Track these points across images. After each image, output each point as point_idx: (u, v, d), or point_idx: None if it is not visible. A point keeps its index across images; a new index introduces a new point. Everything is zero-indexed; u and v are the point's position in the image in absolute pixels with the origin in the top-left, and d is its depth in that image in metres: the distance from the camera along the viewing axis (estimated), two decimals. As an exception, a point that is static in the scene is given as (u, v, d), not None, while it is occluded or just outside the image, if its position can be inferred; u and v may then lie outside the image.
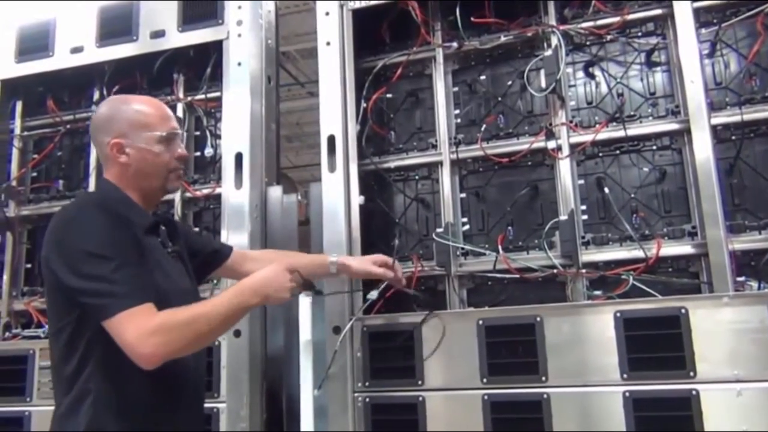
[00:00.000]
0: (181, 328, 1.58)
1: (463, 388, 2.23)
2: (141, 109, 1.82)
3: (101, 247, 1.60)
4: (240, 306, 1.69)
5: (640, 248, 2.25)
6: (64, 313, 1.66)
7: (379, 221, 2.63)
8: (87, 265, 1.59)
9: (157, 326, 1.55)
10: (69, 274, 1.60)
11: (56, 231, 1.67)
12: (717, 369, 1.99)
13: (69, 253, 1.62)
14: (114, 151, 1.77)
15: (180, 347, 1.59)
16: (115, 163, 1.79)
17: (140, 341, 1.53)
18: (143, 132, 1.79)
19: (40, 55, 3.07)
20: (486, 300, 2.42)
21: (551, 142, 2.42)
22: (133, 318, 1.55)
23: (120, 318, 1.55)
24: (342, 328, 2.37)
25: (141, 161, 1.79)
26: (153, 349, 1.54)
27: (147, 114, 1.82)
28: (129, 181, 1.80)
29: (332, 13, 2.63)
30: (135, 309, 1.56)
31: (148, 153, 1.79)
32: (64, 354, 1.66)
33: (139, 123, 1.79)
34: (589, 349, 2.12)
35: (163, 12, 2.89)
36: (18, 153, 3.20)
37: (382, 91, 2.67)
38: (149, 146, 1.79)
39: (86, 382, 1.63)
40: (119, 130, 1.78)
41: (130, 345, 1.54)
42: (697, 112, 2.20)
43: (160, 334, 1.54)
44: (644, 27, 2.45)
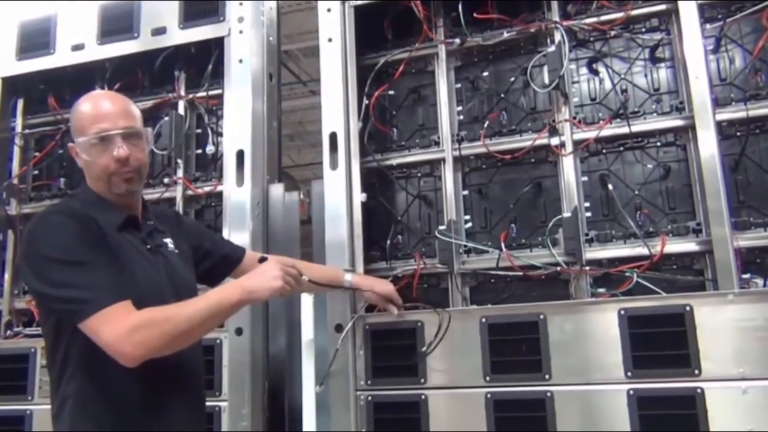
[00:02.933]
0: (159, 326, 1.55)
1: (465, 387, 2.21)
2: (80, 111, 1.78)
3: (67, 252, 1.59)
4: (222, 303, 1.65)
5: (644, 245, 2.23)
6: (43, 319, 1.69)
7: (381, 219, 2.62)
8: (55, 273, 1.58)
9: (134, 325, 1.53)
10: (38, 283, 1.60)
11: (25, 241, 1.67)
12: (722, 367, 1.97)
13: (36, 262, 1.61)
14: (73, 153, 1.79)
15: (159, 345, 1.56)
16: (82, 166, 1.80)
17: (119, 340, 1.52)
18: (79, 137, 1.76)
19: (41, 53, 3.06)
20: (489, 298, 2.41)
21: (554, 138, 2.41)
22: (110, 318, 1.53)
23: (95, 319, 1.53)
24: (344, 326, 2.35)
25: (87, 165, 1.77)
26: (131, 347, 1.52)
27: (82, 117, 1.77)
28: (91, 181, 1.80)
29: (334, 9, 2.61)
30: (109, 309, 1.54)
31: (87, 159, 1.75)
32: (49, 357, 1.68)
33: (76, 128, 1.78)
34: (593, 347, 2.11)
35: (164, 9, 2.88)
36: (19, 151, 3.19)
37: (385, 87, 2.65)
38: (84, 152, 1.75)
39: (68, 385, 1.64)
40: (72, 133, 1.79)
41: (108, 345, 1.53)
42: (701, 109, 2.18)
43: (137, 332, 1.53)
44: (648, 23, 2.43)
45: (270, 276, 1.72)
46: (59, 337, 1.65)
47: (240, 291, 1.68)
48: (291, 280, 1.76)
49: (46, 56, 3.05)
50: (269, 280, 1.71)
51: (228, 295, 1.67)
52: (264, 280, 1.71)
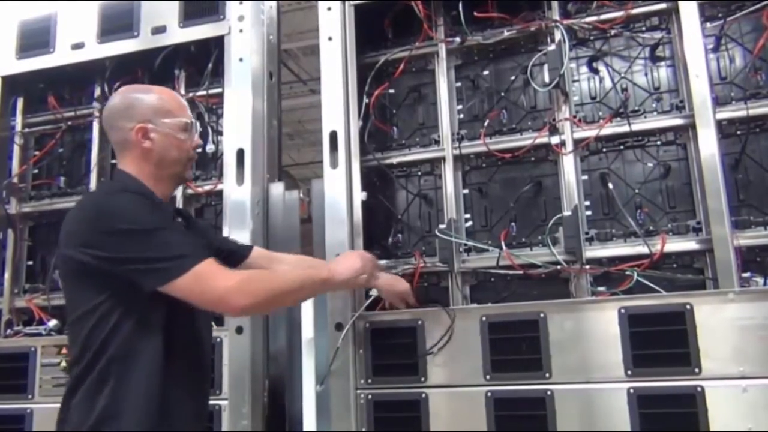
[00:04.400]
0: (265, 281, 1.71)
1: (466, 385, 2.21)
2: (163, 97, 1.86)
3: (148, 222, 1.65)
4: (312, 277, 1.86)
5: (644, 244, 2.23)
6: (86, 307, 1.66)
7: (381, 217, 2.62)
8: (139, 240, 1.62)
9: (243, 278, 1.66)
10: (121, 253, 1.62)
11: (94, 218, 1.67)
12: (722, 366, 1.97)
13: (118, 233, 1.63)
14: (139, 135, 1.79)
15: (266, 299, 1.69)
16: (137, 148, 1.80)
17: (230, 291, 1.61)
18: (167, 118, 1.82)
19: (40, 52, 3.06)
20: (489, 296, 2.41)
21: (555, 137, 2.41)
22: (212, 272, 1.63)
23: (194, 273, 1.60)
24: (344, 325, 2.35)
25: (164, 147, 1.82)
26: (243, 297, 1.62)
27: (169, 101, 1.86)
28: (149, 168, 1.81)
29: (334, 8, 2.61)
30: (206, 263, 1.63)
31: (173, 139, 1.83)
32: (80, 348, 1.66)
33: (163, 109, 1.83)
34: (593, 346, 2.11)
35: (164, 8, 2.88)
36: (19, 150, 3.18)
37: (385, 86, 2.65)
38: (174, 132, 1.83)
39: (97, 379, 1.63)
40: (143, 116, 1.80)
41: (220, 296, 1.61)
42: (701, 107, 2.18)
43: (248, 284, 1.65)
44: (648, 21, 2.43)
45: (352, 262, 1.96)
46: (100, 325, 1.64)
47: (326, 270, 1.91)
48: (370, 269, 2.00)
49: (46, 55, 3.05)
50: (352, 264, 1.94)
51: (317, 272, 1.91)
52: (348, 265, 1.94)
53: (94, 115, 3.07)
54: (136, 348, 1.65)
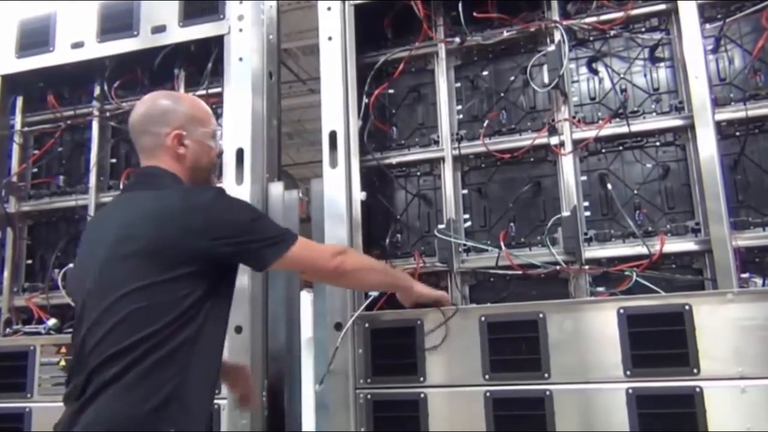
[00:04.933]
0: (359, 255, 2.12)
1: (465, 385, 2.22)
2: (196, 106, 1.98)
3: (248, 210, 1.89)
4: (397, 279, 2.21)
5: (643, 244, 2.23)
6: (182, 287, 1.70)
7: (380, 217, 2.62)
8: (263, 221, 1.88)
9: (339, 248, 2.03)
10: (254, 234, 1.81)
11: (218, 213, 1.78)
12: (721, 366, 1.98)
13: (250, 219, 1.83)
14: (175, 141, 1.87)
15: (361, 269, 2.03)
16: (172, 154, 1.88)
17: (335, 257, 1.94)
18: (200, 127, 1.93)
19: (40, 51, 3.05)
20: (488, 297, 2.41)
21: (554, 138, 2.41)
22: (310, 243, 1.98)
23: (299, 245, 1.86)
24: (344, 325, 2.35)
25: (197, 154, 1.92)
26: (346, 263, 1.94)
27: (201, 110, 1.98)
28: (180, 169, 1.89)
29: (334, 8, 2.61)
30: (303, 238, 1.90)
31: (204, 146, 1.94)
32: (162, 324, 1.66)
33: (196, 118, 1.93)
34: (592, 346, 2.11)
35: (164, 7, 2.87)
36: (18, 149, 3.18)
37: (384, 86, 2.65)
38: (205, 140, 1.94)
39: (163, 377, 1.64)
40: (178, 123, 1.89)
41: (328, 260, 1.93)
42: (701, 108, 2.19)
43: (347, 254, 1.99)
44: (648, 22, 2.43)
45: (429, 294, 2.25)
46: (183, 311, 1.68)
47: (408, 282, 2.22)
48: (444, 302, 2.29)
49: (46, 54, 3.04)
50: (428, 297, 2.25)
51: (403, 278, 2.23)
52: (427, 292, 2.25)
53: (94, 115, 3.06)
54: (206, 334, 1.73)
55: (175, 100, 1.96)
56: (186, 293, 1.69)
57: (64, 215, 3.06)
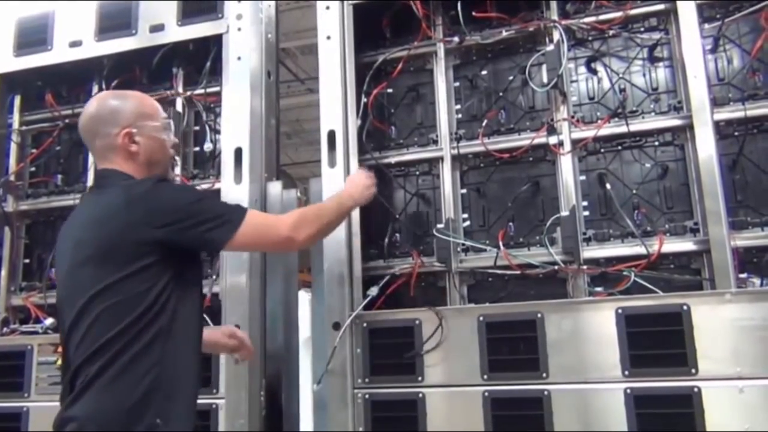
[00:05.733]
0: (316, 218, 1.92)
1: (463, 385, 2.22)
2: (141, 101, 1.93)
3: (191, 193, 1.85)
4: (342, 206, 2.08)
5: (641, 244, 2.23)
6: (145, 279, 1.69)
7: (379, 217, 2.61)
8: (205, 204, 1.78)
9: (296, 218, 1.88)
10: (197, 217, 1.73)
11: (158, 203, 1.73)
12: (719, 366, 1.98)
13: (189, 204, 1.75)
14: (126, 140, 1.84)
15: (317, 232, 1.93)
16: (125, 153, 1.84)
17: (290, 230, 1.84)
18: (149, 121, 1.89)
19: (38, 49, 3.05)
20: (487, 296, 2.41)
21: (553, 137, 2.41)
22: (264, 217, 1.93)
23: (248, 222, 1.77)
24: (342, 324, 2.35)
25: (150, 149, 1.87)
26: (302, 233, 1.85)
27: (148, 105, 1.93)
28: (136, 168, 1.86)
29: (333, 7, 2.61)
30: (252, 212, 1.83)
31: (156, 141, 1.89)
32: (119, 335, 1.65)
33: (144, 114, 1.89)
34: (590, 346, 2.11)
35: (162, 6, 2.87)
36: (16, 148, 3.18)
37: (383, 86, 2.65)
38: (157, 134, 1.89)
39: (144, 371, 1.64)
40: (127, 121, 1.85)
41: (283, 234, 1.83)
42: (699, 108, 2.19)
43: (303, 222, 1.87)
44: (647, 22, 2.44)
45: (361, 183, 2.19)
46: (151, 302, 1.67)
47: (351, 198, 2.13)
48: (371, 182, 2.23)
49: (44, 53, 3.04)
50: (362, 185, 2.18)
51: (344, 201, 2.10)
52: (360, 188, 2.17)
53: (92, 113, 3.05)
54: (179, 321, 1.72)
55: (121, 98, 1.92)
56: (149, 286, 1.68)
57: (62, 214, 3.04)
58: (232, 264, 2.56)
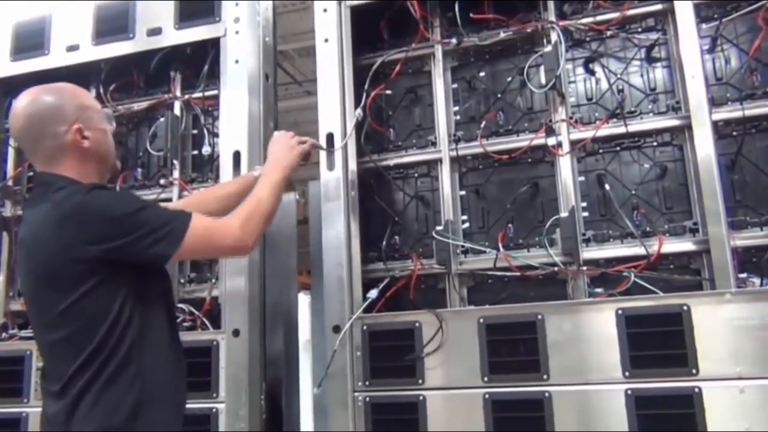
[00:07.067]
0: (256, 214, 1.82)
1: (464, 387, 2.21)
2: (78, 92, 1.84)
3: (136, 201, 1.71)
4: (277, 183, 1.97)
5: (641, 245, 2.23)
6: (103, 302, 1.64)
7: (378, 219, 2.61)
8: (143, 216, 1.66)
9: (240, 221, 1.77)
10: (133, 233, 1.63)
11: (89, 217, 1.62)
12: (719, 366, 1.98)
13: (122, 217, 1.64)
14: (77, 136, 1.74)
15: (261, 228, 1.84)
16: (76, 150, 1.75)
17: (237, 237, 1.75)
18: (92, 113, 1.81)
19: (35, 54, 3.04)
20: (486, 298, 2.40)
21: (551, 138, 2.41)
22: (210, 222, 1.74)
23: (192, 232, 1.68)
24: (342, 327, 2.35)
25: (99, 142, 1.81)
26: (249, 236, 1.77)
27: (84, 95, 1.85)
28: (89, 168, 1.78)
29: (330, 9, 2.61)
30: (197, 219, 1.71)
31: (102, 132, 1.83)
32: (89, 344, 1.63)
33: (85, 105, 1.81)
34: (591, 347, 2.11)
35: (159, 9, 2.87)
36: (14, 152, 3.16)
37: (381, 88, 2.64)
38: (101, 125, 1.83)
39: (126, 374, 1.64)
40: (73, 116, 1.75)
41: (229, 244, 1.75)
42: (698, 108, 2.19)
43: (246, 224, 1.77)
44: (644, 22, 2.43)
45: (284, 148, 2.10)
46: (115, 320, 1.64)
47: (280, 168, 2.03)
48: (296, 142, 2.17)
49: (41, 57, 3.03)
50: (287, 149, 2.09)
51: (275, 176, 1.99)
52: (284, 153, 2.08)
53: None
54: (151, 330, 1.70)
55: (58, 92, 1.78)
56: (106, 304, 1.63)
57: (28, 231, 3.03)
58: (231, 267, 2.55)
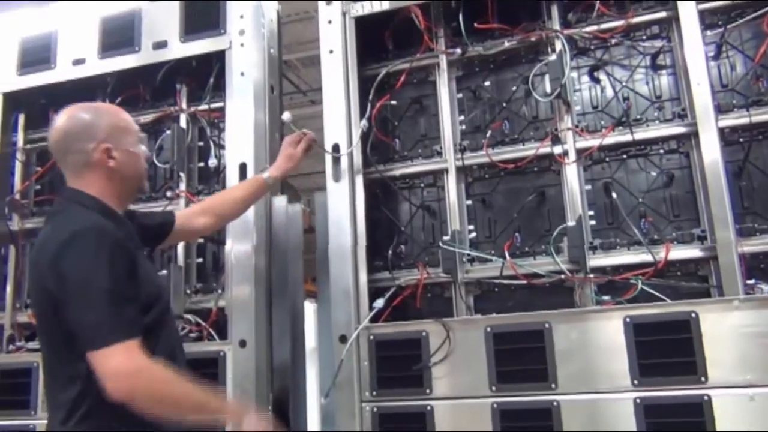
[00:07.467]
0: (155, 387, 1.62)
1: (471, 397, 2.21)
2: (116, 114, 1.90)
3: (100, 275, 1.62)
4: (210, 406, 1.72)
5: (648, 252, 2.22)
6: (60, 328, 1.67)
7: (384, 229, 2.61)
8: (82, 296, 1.61)
9: (138, 369, 1.59)
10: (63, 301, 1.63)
11: (57, 254, 1.65)
12: (729, 374, 1.97)
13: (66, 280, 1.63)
14: (104, 155, 1.79)
15: (146, 401, 1.60)
16: (101, 168, 1.80)
17: (119, 378, 1.57)
18: (125, 135, 1.85)
19: (42, 68, 3.07)
20: (493, 306, 2.39)
21: (557, 147, 2.41)
22: (117, 354, 1.58)
23: (105, 351, 1.58)
24: (348, 337, 2.35)
25: (127, 164, 1.84)
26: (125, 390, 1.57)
27: (122, 118, 1.90)
28: (113, 186, 1.82)
29: (335, 21, 2.62)
30: (121, 344, 1.58)
31: (133, 155, 1.86)
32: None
33: (119, 127, 1.86)
34: (599, 356, 2.10)
35: (165, 22, 2.88)
36: (21, 166, 3.18)
37: (386, 98, 2.65)
38: (133, 148, 1.87)
39: None
40: (103, 135, 1.80)
41: (108, 376, 1.57)
42: (704, 115, 2.19)
43: (138, 379, 1.59)
44: (649, 30, 2.44)
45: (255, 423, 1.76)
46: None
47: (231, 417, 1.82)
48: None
49: (47, 71, 3.06)
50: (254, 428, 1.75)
51: (219, 409, 1.78)
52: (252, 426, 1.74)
53: (96, 130, 3.06)
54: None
55: (95, 112, 1.87)
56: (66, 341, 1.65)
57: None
58: (237, 277, 2.56)
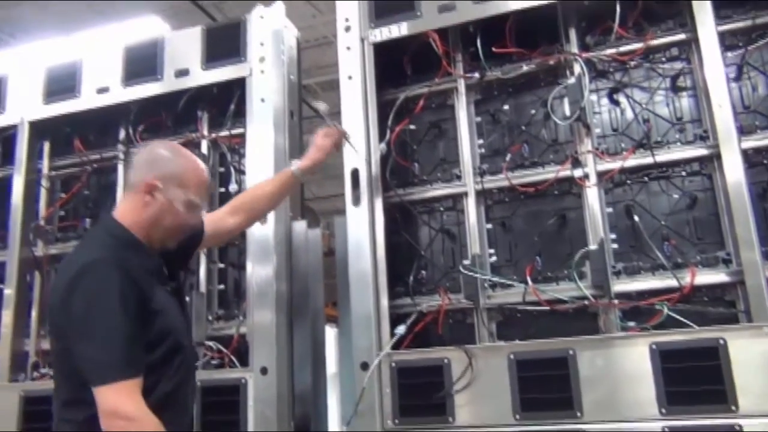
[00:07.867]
0: None
1: (495, 426, 2.17)
2: (191, 169, 1.88)
3: (106, 312, 1.64)
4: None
5: (673, 277, 2.19)
6: None
7: (404, 254, 2.60)
8: (85, 332, 1.64)
9: (131, 414, 1.59)
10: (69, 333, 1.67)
11: (67, 286, 1.68)
12: (760, 402, 1.92)
13: (73, 312, 1.65)
14: (148, 189, 1.81)
15: None
16: (139, 199, 1.82)
17: (111, 418, 1.59)
18: (180, 188, 1.84)
19: (67, 96, 3.13)
20: (516, 333, 2.36)
21: (578, 170, 2.39)
22: (114, 393, 1.60)
23: (106, 389, 1.60)
24: (370, 364, 2.33)
25: (161, 210, 1.83)
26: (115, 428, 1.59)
27: (193, 175, 1.88)
28: (141, 221, 1.83)
29: (353, 47, 2.64)
30: (121, 384, 1.60)
31: (172, 208, 1.83)
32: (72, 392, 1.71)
33: (181, 178, 1.85)
34: (625, 383, 2.06)
35: (186, 50, 2.93)
36: (46, 193, 3.24)
37: (405, 122, 2.65)
38: (176, 204, 1.84)
39: None
40: (159, 174, 1.82)
41: (106, 413, 1.60)
42: (726, 137, 2.16)
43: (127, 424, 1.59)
44: (668, 52, 2.42)
45: None
46: None
47: None
48: None
49: (72, 99, 3.12)
50: None
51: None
52: None
53: (119, 158, 3.12)
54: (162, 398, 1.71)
55: (173, 154, 1.88)
56: None
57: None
58: (258, 303, 2.57)
